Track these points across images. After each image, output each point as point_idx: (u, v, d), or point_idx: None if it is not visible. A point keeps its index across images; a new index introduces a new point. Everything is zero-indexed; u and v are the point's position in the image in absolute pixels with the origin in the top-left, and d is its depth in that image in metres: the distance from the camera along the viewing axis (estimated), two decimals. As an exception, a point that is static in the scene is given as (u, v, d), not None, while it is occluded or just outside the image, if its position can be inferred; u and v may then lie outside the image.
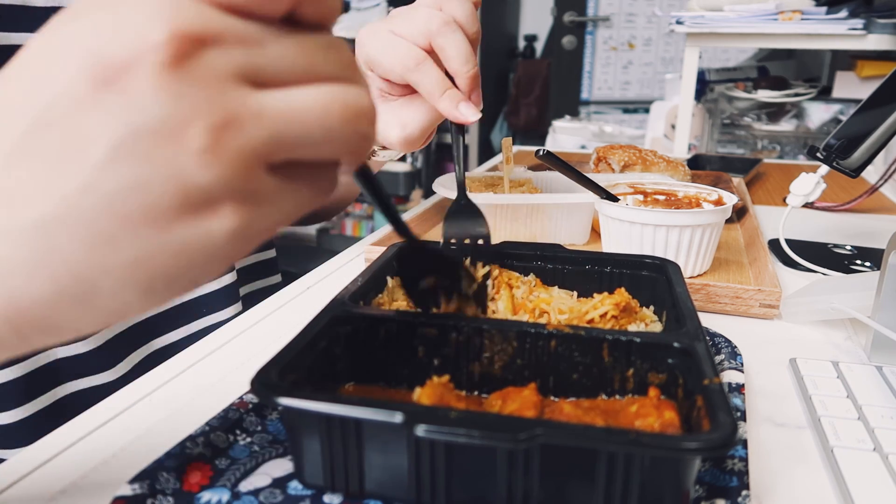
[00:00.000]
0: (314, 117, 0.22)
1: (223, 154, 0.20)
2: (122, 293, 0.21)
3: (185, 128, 0.19)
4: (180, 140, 0.19)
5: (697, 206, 0.65)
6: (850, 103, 1.61)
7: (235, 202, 0.21)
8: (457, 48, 0.50)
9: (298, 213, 0.23)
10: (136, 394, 0.43)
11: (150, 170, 0.19)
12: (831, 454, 0.36)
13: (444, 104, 0.50)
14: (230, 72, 0.20)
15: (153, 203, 0.19)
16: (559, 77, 3.18)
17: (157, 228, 0.20)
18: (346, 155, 0.24)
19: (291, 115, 0.21)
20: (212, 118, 0.19)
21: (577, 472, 0.29)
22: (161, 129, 0.19)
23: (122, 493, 0.31)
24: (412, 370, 0.39)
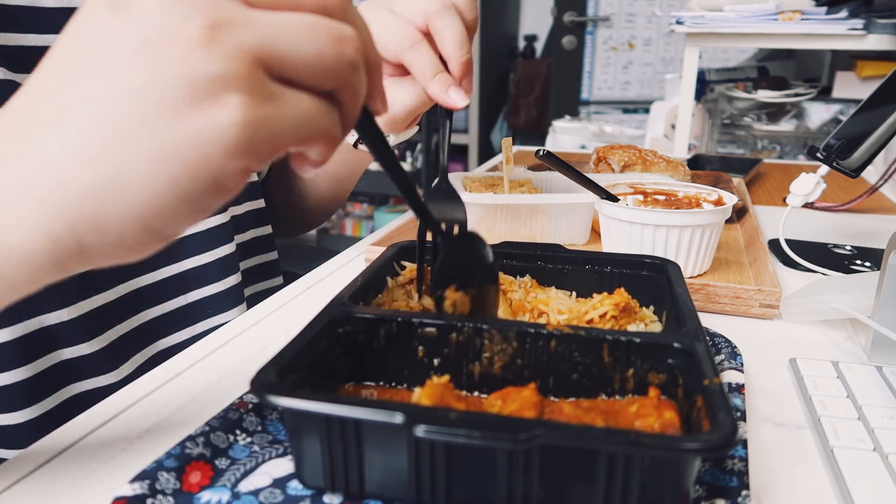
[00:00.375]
0: (301, 33, 0.24)
1: (220, 47, 0.23)
2: (152, 183, 0.24)
3: (183, 29, 0.22)
4: (180, 40, 0.22)
5: (697, 206, 0.65)
6: (850, 103, 1.61)
7: (239, 94, 0.23)
8: (453, 32, 0.50)
9: (301, 127, 0.25)
10: (136, 394, 0.43)
11: (159, 69, 0.23)
12: (831, 454, 0.36)
13: (434, 87, 0.50)
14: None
15: (167, 95, 0.23)
16: (559, 77, 3.18)
17: (173, 120, 0.23)
18: (340, 87, 0.26)
19: (280, 28, 0.24)
20: (205, 19, 0.23)
21: (577, 473, 0.29)
22: (163, 34, 0.22)
23: (122, 494, 0.31)
24: (412, 370, 0.39)
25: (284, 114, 0.24)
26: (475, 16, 0.53)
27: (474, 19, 0.53)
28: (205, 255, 0.62)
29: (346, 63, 0.26)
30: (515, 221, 0.71)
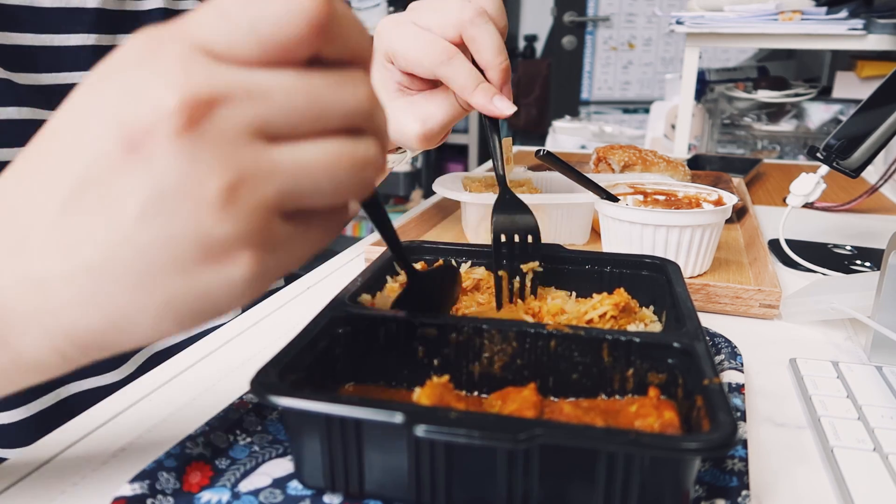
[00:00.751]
0: (323, 171, 0.24)
1: (237, 209, 0.22)
2: (158, 325, 0.24)
3: (201, 186, 0.21)
4: (198, 198, 0.21)
5: (697, 206, 0.65)
6: (850, 103, 1.61)
7: (251, 250, 0.23)
8: (490, 39, 0.49)
9: (310, 253, 0.26)
10: (136, 394, 0.43)
11: (174, 225, 0.22)
12: (831, 454, 0.36)
13: (478, 98, 0.49)
14: (240, 129, 0.22)
15: (178, 254, 0.22)
16: (559, 77, 3.18)
17: (184, 275, 0.22)
18: (352, 198, 0.26)
19: (302, 170, 0.23)
20: (225, 177, 0.21)
21: (577, 473, 0.29)
22: (181, 189, 0.21)
23: (122, 494, 0.31)
24: (412, 370, 0.39)
25: (292, 252, 0.25)
26: (506, 22, 0.52)
27: (505, 26, 0.52)
28: None
29: (364, 186, 0.25)
30: (515, 221, 0.71)
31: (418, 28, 0.51)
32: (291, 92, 0.23)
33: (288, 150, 0.23)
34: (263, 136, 0.22)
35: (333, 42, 0.23)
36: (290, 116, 0.23)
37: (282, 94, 0.22)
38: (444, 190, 0.72)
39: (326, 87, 0.23)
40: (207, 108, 0.21)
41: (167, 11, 0.59)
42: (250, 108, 0.22)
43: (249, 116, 0.22)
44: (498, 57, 0.50)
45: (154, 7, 0.58)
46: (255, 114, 0.22)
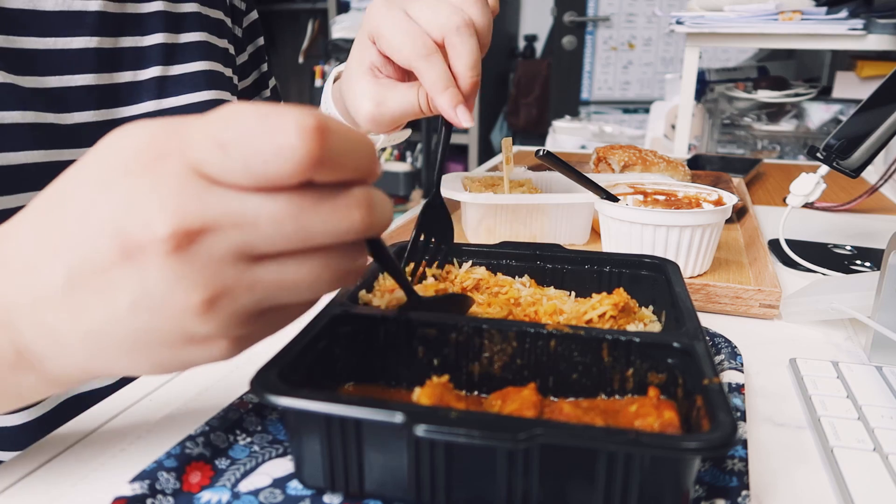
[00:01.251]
0: (305, 284, 0.26)
1: (216, 316, 0.25)
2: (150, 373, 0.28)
3: (185, 298, 0.24)
4: (181, 306, 0.24)
5: (697, 206, 0.65)
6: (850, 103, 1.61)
7: (229, 339, 0.27)
8: (468, 51, 0.50)
9: (288, 324, 0.29)
10: (136, 394, 0.43)
11: (160, 320, 0.25)
12: (831, 454, 0.36)
13: (443, 100, 0.50)
14: (225, 254, 0.24)
15: (164, 339, 0.26)
16: (559, 77, 3.18)
17: (169, 350, 0.26)
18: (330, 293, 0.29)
19: (283, 284, 0.26)
20: (206, 293, 0.24)
21: (577, 472, 0.29)
22: (166, 297, 0.24)
23: (122, 494, 0.31)
24: (412, 370, 0.39)
25: (271, 330, 0.29)
26: (489, 41, 0.53)
27: (487, 45, 0.53)
28: None
29: (341, 285, 0.28)
30: (515, 221, 0.71)
31: (407, 17, 0.52)
32: (279, 220, 0.24)
33: (271, 268, 0.25)
34: (247, 258, 0.25)
35: (327, 171, 0.24)
36: (275, 241, 0.24)
37: (269, 223, 0.24)
38: (444, 190, 0.72)
39: (316, 214, 0.25)
40: (196, 236, 0.23)
41: (168, 15, 0.59)
42: (237, 236, 0.24)
43: (235, 243, 0.24)
44: (471, 70, 0.50)
45: (155, 10, 0.58)
46: (241, 240, 0.24)
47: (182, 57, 0.60)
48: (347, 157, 0.25)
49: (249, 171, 0.23)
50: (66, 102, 0.52)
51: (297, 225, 0.24)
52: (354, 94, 0.56)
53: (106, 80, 0.55)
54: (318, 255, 0.26)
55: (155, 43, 0.58)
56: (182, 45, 0.60)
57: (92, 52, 0.54)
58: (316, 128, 0.23)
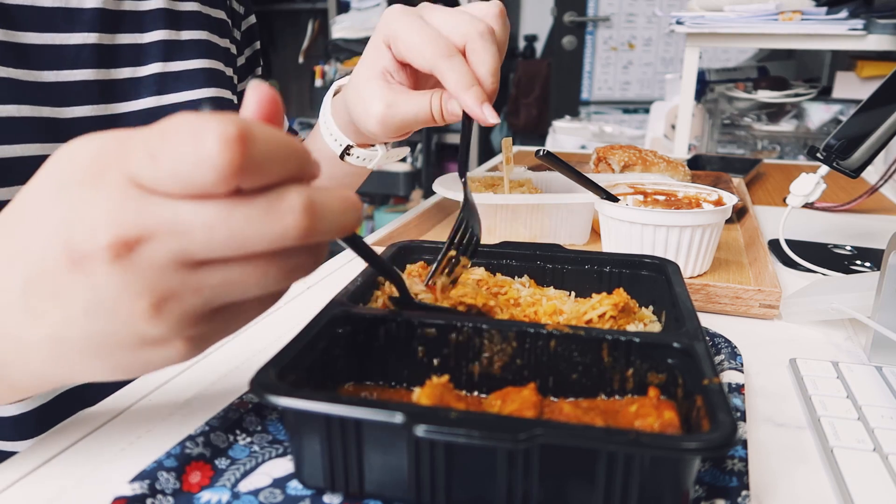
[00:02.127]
0: (251, 283, 0.26)
1: (165, 318, 0.26)
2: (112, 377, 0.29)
3: (133, 303, 0.25)
4: (130, 311, 0.25)
5: (697, 206, 0.65)
6: (850, 103, 1.61)
7: (183, 340, 0.27)
8: (491, 58, 0.51)
9: (247, 323, 0.29)
10: (136, 394, 0.43)
11: (113, 324, 0.26)
12: (831, 454, 0.36)
13: (468, 97, 0.50)
14: (164, 261, 0.25)
15: (119, 342, 0.26)
16: (559, 77, 3.18)
17: (127, 352, 0.27)
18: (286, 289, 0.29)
19: (228, 285, 0.26)
20: (152, 298, 0.25)
21: (577, 473, 0.29)
22: (116, 303, 0.25)
23: (122, 493, 0.31)
24: (412, 370, 0.39)
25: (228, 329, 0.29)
26: (504, 55, 0.53)
27: (503, 55, 0.53)
28: None
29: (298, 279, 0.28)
30: (515, 221, 0.71)
31: (425, 22, 0.52)
32: (211, 226, 0.24)
33: (215, 272, 0.26)
34: (188, 263, 0.25)
35: (252, 177, 0.24)
36: (212, 247, 0.25)
37: (202, 230, 0.24)
38: (444, 190, 0.72)
39: (246, 220, 0.25)
40: (135, 244, 0.24)
41: (168, 12, 0.59)
42: (174, 243, 0.24)
43: (173, 249, 0.24)
44: (492, 76, 0.51)
45: (155, 7, 0.58)
46: (178, 247, 0.24)
47: (182, 54, 0.60)
48: (273, 162, 0.25)
49: (177, 180, 0.24)
50: (64, 97, 0.53)
51: (229, 231, 0.24)
52: (363, 98, 0.56)
53: (104, 76, 0.55)
54: (261, 258, 0.26)
55: (155, 40, 0.58)
56: (182, 43, 0.60)
57: (91, 48, 0.54)
58: (237, 136, 0.23)
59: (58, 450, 0.37)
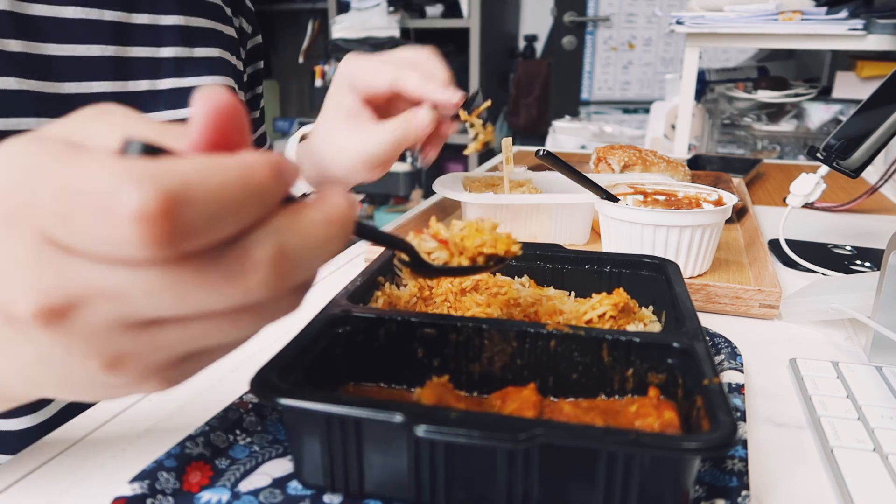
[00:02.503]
0: (214, 335, 0.23)
1: (127, 372, 0.23)
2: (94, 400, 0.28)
3: (83, 363, 0.22)
4: (84, 368, 0.23)
5: (697, 206, 0.65)
6: (850, 103, 1.61)
7: (154, 380, 0.24)
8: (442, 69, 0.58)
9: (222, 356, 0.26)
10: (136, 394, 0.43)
11: (73, 374, 0.23)
12: (831, 454, 0.36)
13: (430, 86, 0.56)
14: (106, 324, 0.21)
15: (87, 385, 0.24)
16: (559, 77, 3.18)
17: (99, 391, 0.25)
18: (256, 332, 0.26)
19: (189, 340, 0.23)
20: (103, 359, 0.22)
21: (577, 472, 0.29)
22: (65, 360, 0.22)
23: (122, 494, 0.31)
24: (412, 370, 0.39)
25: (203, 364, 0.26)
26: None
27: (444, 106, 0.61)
28: None
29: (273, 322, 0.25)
30: (515, 221, 0.71)
31: (380, 58, 0.59)
32: (155, 293, 0.20)
33: (170, 330, 0.22)
34: (134, 325, 0.22)
35: (198, 240, 0.20)
36: (160, 310, 0.21)
37: (144, 295, 0.21)
38: (444, 190, 0.72)
39: (200, 285, 0.21)
40: (65, 311, 0.21)
41: (184, 28, 0.60)
42: (111, 308, 0.21)
43: (113, 314, 0.21)
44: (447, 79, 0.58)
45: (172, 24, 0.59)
46: (119, 312, 0.21)
47: (195, 70, 0.61)
48: (223, 218, 0.20)
49: (95, 250, 0.20)
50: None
51: (179, 298, 0.21)
52: (335, 141, 0.60)
53: (122, 88, 0.55)
54: (226, 314, 0.22)
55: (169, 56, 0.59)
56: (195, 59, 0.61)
57: (109, 60, 0.54)
58: (159, 210, 0.19)
59: (58, 450, 0.37)
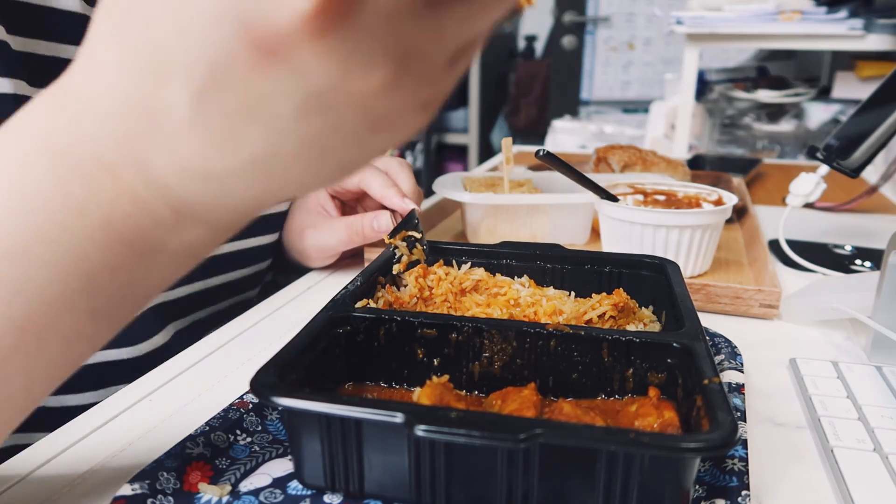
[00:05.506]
0: (483, 17, 0.20)
1: (406, 87, 0.20)
2: (326, 186, 0.25)
3: (363, 81, 0.19)
4: (361, 91, 0.19)
5: (697, 206, 0.65)
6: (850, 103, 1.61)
7: (423, 111, 0.21)
8: (409, 179, 0.66)
9: (467, 68, 0.23)
10: (136, 394, 0.43)
11: (338, 116, 0.20)
12: (831, 454, 0.36)
13: (390, 193, 0.62)
14: (391, 6, 0.18)
15: (346, 136, 0.21)
16: (559, 77, 3.18)
17: (353, 148, 0.22)
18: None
19: (467, 20, 0.20)
20: (389, 66, 0.19)
21: (577, 472, 0.29)
22: (339, 87, 0.19)
23: (122, 493, 0.31)
24: (412, 370, 0.39)
25: (454, 79, 0.22)
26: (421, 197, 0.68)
27: (421, 198, 0.68)
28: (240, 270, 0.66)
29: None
30: (515, 221, 0.71)
31: None
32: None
33: (448, 8, 0.19)
34: (420, 5, 0.18)
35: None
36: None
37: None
38: (444, 190, 0.72)
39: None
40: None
41: None
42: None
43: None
44: (411, 191, 0.65)
45: None
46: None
47: None
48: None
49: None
50: None
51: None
52: (296, 231, 0.67)
53: None
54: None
55: None
56: None
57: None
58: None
59: (58, 450, 0.37)
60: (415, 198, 0.64)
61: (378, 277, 0.47)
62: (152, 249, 0.25)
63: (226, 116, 0.20)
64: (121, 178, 0.23)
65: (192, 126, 0.20)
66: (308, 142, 0.21)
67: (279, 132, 0.20)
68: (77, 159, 0.23)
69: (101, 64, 0.21)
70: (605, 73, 3.17)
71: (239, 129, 0.20)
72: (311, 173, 0.22)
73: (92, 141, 0.22)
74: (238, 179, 0.22)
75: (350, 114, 0.20)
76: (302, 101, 0.19)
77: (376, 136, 0.22)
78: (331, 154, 0.22)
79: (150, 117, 0.21)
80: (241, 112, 0.20)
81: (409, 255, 0.50)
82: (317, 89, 0.19)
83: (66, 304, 0.24)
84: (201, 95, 0.20)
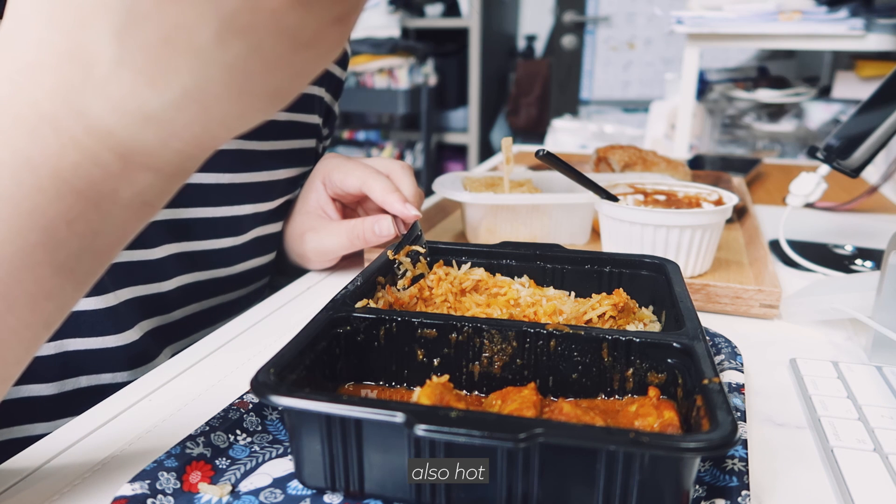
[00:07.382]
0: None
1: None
2: (268, 112, 0.24)
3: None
4: (272, 5, 0.20)
5: (697, 206, 0.65)
6: (850, 103, 1.61)
7: (342, 23, 0.22)
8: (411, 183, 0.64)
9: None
10: (136, 393, 0.43)
11: (256, 37, 0.21)
12: (831, 454, 0.36)
13: (392, 198, 0.61)
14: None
15: (269, 58, 0.22)
16: (559, 77, 3.18)
17: (280, 70, 0.22)
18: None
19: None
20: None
21: (577, 472, 0.29)
22: (249, 4, 0.20)
23: (122, 493, 0.31)
24: (412, 370, 0.39)
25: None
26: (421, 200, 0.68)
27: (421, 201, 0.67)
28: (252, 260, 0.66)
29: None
30: (515, 221, 0.71)
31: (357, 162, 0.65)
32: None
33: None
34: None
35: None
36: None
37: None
38: (444, 190, 0.72)
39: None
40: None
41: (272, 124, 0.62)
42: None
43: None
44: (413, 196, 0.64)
45: (271, 149, 0.62)
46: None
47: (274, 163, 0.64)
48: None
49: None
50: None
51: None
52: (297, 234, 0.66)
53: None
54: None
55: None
56: (280, 152, 0.64)
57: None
58: None
59: (58, 450, 0.37)
60: (416, 202, 0.64)
61: (378, 277, 0.47)
62: (105, 199, 0.25)
63: (149, 51, 0.21)
64: (62, 127, 0.23)
65: (119, 66, 0.21)
66: (233, 67, 0.21)
67: (203, 62, 0.21)
68: (17, 112, 0.23)
69: (27, 16, 0.22)
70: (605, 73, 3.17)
71: (164, 63, 0.21)
72: (244, 102, 0.23)
73: (29, 93, 0.23)
74: (175, 117, 0.23)
75: (267, 34, 0.21)
76: (218, 26, 0.20)
77: (298, 55, 0.22)
78: (259, 78, 0.22)
79: (79, 63, 0.21)
80: (162, 45, 0.21)
81: (413, 269, 0.50)
82: (229, 11, 0.20)
83: (27, 259, 0.25)
84: (122, 33, 0.20)
